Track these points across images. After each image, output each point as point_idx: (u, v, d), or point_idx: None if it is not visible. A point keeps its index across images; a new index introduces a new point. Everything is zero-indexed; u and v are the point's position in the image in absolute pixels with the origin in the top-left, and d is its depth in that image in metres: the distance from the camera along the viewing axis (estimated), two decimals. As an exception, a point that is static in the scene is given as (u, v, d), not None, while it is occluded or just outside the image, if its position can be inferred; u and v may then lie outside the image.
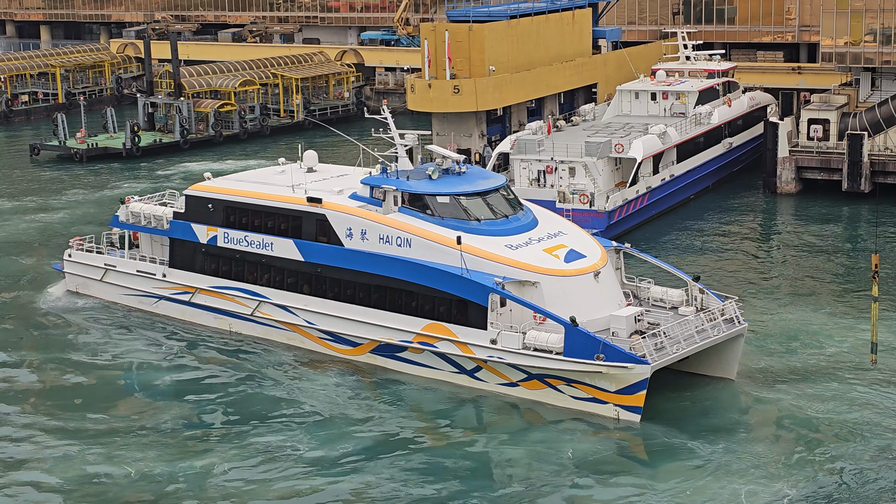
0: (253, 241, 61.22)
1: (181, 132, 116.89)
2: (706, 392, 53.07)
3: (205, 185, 65.26)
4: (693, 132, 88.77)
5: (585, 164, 78.56)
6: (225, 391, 55.52)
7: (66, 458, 48.58)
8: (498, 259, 53.55)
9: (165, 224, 65.42)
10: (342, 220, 57.88)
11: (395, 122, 60.82)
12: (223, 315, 62.83)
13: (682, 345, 50.89)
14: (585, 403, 51.00)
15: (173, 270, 64.80)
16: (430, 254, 54.70)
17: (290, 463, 47.71)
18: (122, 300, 67.39)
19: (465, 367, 54.06)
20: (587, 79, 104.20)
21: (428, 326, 54.59)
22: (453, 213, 55.92)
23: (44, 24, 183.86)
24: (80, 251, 69.54)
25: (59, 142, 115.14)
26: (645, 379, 49.23)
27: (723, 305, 53.72)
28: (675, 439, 48.43)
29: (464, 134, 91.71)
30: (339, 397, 54.18)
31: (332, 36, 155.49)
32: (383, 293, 56.38)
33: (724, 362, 53.66)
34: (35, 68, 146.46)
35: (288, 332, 60.28)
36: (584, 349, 49.96)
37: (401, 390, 54.75)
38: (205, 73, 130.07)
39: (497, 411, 52.28)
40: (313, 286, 59.17)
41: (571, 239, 56.17)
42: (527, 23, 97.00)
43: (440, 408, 53.06)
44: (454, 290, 53.55)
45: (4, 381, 57.49)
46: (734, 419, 50.48)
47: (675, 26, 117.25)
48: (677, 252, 75.59)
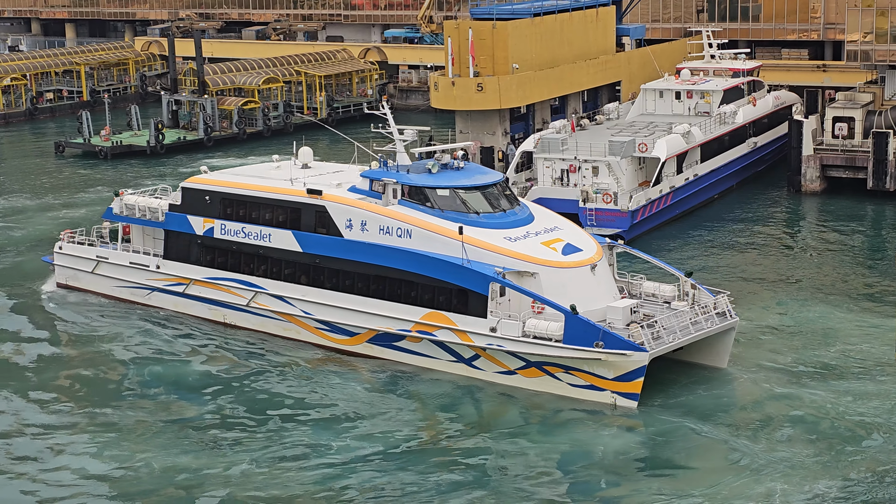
0: (250, 233, 61.92)
1: (205, 130, 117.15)
2: (727, 388, 53.19)
3: (201, 177, 66.10)
4: (717, 131, 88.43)
5: (609, 164, 78.35)
6: (226, 384, 55.81)
7: (85, 453, 48.72)
8: (497, 250, 54.57)
9: (161, 216, 65.93)
10: (342, 212, 58.71)
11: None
12: (217, 306, 63.45)
13: (678, 334, 52.22)
14: (583, 391, 52.08)
15: (167, 262, 65.42)
16: (431, 244, 55.66)
17: (286, 456, 47.92)
18: (113, 292, 67.97)
19: (464, 355, 54.97)
20: (611, 77, 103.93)
21: (427, 315, 55.48)
22: (453, 205, 56.89)
23: (69, 22, 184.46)
24: (70, 244, 70.01)
25: (84, 139, 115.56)
26: (643, 366, 50.38)
27: (715, 300, 54.81)
28: (707, 436, 48.35)
29: (487, 132, 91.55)
30: (340, 390, 54.57)
31: (355, 34, 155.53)
32: (382, 283, 57.27)
33: (715, 353, 54.99)
34: (60, 66, 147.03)
35: (284, 323, 60.90)
36: (584, 337, 51.03)
37: (399, 380, 55.34)
38: (229, 71, 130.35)
39: (496, 401, 52.88)
40: (311, 277, 59.92)
41: (567, 233, 57.29)
42: (550, 20, 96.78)
43: (440, 398, 53.57)
44: (455, 279, 54.55)
45: (19, 375, 57.94)
46: (761, 415, 50.26)
47: (700, 24, 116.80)
48: (701, 251, 75.37)
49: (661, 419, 50.19)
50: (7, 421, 52.27)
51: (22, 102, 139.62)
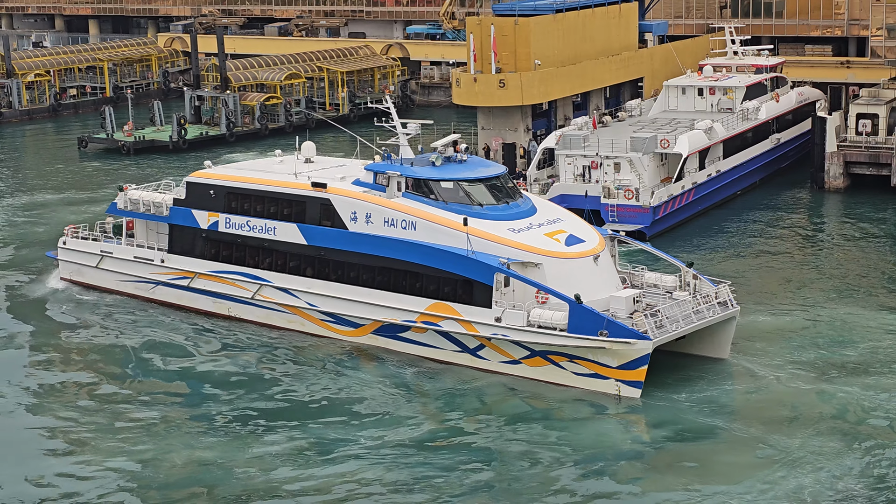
0: (255, 226, 62.36)
1: (227, 125, 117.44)
2: (752, 383, 52.99)
3: (205, 172, 66.57)
4: (740, 128, 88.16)
5: (631, 160, 78.20)
6: (239, 378, 56.10)
7: (106, 448, 48.85)
8: (501, 241, 55.09)
9: (165, 211, 66.39)
10: (347, 205, 59.15)
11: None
12: (222, 299, 63.91)
13: (681, 323, 52.72)
14: (587, 379, 52.66)
15: (172, 256, 65.84)
16: (435, 236, 56.16)
17: (290, 449, 48.17)
18: (118, 286, 68.37)
19: (468, 345, 55.46)
20: (633, 73, 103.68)
21: (432, 306, 56.01)
22: (457, 197, 57.42)
23: (92, 19, 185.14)
24: (75, 239, 70.40)
25: (107, 135, 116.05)
26: (647, 354, 50.92)
27: (716, 289, 55.28)
28: (743, 433, 48.21)
29: (509, 128, 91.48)
30: (348, 382, 55.04)
31: (377, 30, 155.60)
32: (387, 274, 57.77)
33: (717, 343, 55.49)
34: (83, 62, 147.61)
35: (288, 315, 61.32)
36: (588, 326, 51.63)
37: (405, 371, 55.82)
38: (251, 67, 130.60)
39: (500, 390, 53.49)
40: (316, 269, 60.38)
41: (570, 225, 57.87)
42: (573, 17, 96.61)
43: (446, 388, 53.99)
44: (460, 270, 55.06)
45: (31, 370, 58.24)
46: (787, 413, 50.13)
47: (723, 20, 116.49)
48: (723, 248, 75.16)
49: (681, 410, 50.28)
50: (25, 416, 52.49)
51: (45, 98, 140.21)
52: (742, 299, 63.93)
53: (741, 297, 64.18)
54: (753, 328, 59.61)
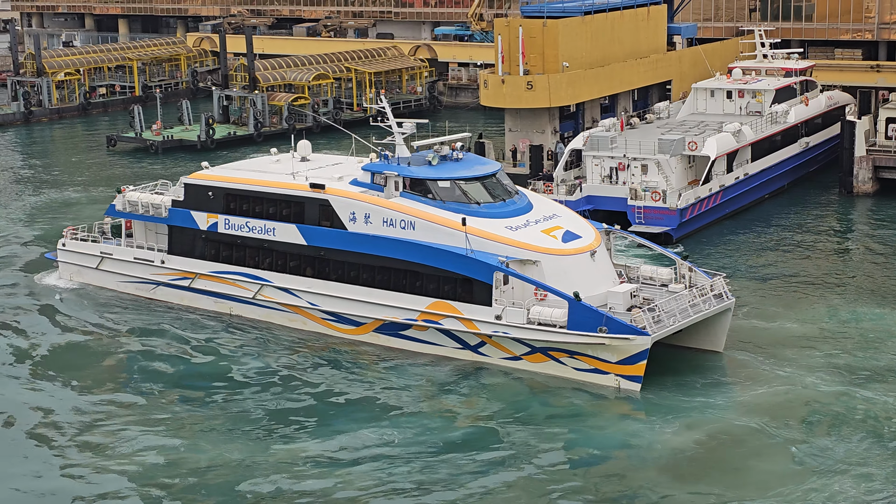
0: (254, 227, 62.95)
1: (255, 125, 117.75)
2: (782, 387, 52.77)
3: (203, 173, 67.13)
4: (769, 131, 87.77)
5: (658, 162, 77.98)
6: (250, 376, 56.56)
7: (128, 447, 49.10)
8: (499, 239, 55.92)
9: (164, 212, 66.86)
10: (345, 205, 59.78)
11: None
12: (223, 299, 64.47)
13: (678, 317, 53.52)
14: (587, 374, 53.65)
15: (172, 257, 66.40)
16: (434, 235, 56.87)
17: (294, 447, 48.50)
18: (118, 287, 68.84)
19: (469, 342, 56.35)
20: (661, 76, 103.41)
21: (433, 305, 56.74)
22: (454, 196, 58.16)
23: (122, 18, 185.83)
24: (74, 240, 70.81)
25: (136, 133, 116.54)
26: (646, 349, 51.83)
27: (711, 282, 56.08)
28: (774, 439, 48.11)
29: (536, 130, 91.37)
30: (353, 380, 55.60)
31: (405, 31, 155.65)
32: (387, 274, 58.48)
33: (713, 336, 56.32)
34: (113, 61, 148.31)
35: (290, 314, 61.98)
36: (588, 322, 52.60)
37: (406, 369, 56.34)
38: (279, 67, 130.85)
39: (501, 387, 54.07)
40: (316, 269, 61.04)
41: (566, 221, 58.74)
42: (601, 19, 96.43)
43: (448, 385, 54.54)
44: (459, 269, 55.80)
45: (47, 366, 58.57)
46: (816, 417, 50.06)
47: (752, 23, 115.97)
48: (750, 251, 74.82)
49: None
50: (33, 417, 52.67)
51: (75, 97, 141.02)
52: (770, 303, 63.96)
53: (769, 302, 64.22)
54: (782, 332, 59.48)
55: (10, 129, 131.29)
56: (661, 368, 54.15)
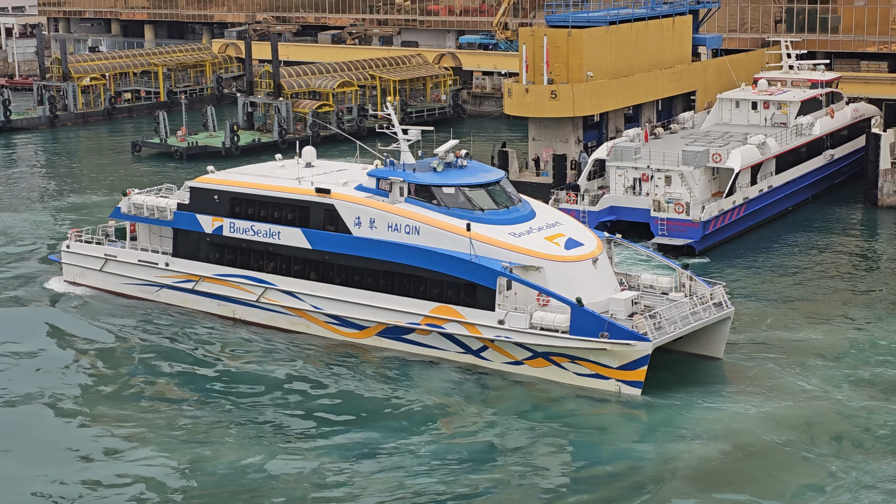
0: (259, 231, 63.44)
1: (279, 132, 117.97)
2: (806, 400, 52.56)
3: (209, 177, 67.64)
4: (794, 143, 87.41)
5: (682, 173, 77.74)
6: (257, 381, 56.86)
7: (141, 453, 49.20)
8: (503, 245, 56.61)
9: (169, 215, 67.32)
10: (351, 210, 60.38)
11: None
12: (227, 302, 64.93)
13: (679, 324, 54.32)
14: (588, 379, 54.33)
15: (176, 259, 66.88)
16: (439, 241, 57.53)
17: (301, 449, 48.87)
18: (122, 289, 69.30)
19: (472, 346, 57.00)
20: (686, 86, 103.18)
21: (436, 309, 57.44)
22: (459, 202, 58.84)
23: (148, 24, 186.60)
24: (78, 242, 71.29)
25: (160, 139, 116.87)
26: (646, 355, 52.51)
27: (711, 291, 56.88)
28: (803, 454, 47.83)
29: (560, 139, 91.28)
30: (356, 385, 55.98)
31: (430, 39, 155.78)
32: (392, 278, 59.14)
33: (712, 343, 57.11)
34: (138, 66, 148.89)
35: (293, 318, 62.44)
36: (590, 328, 53.22)
37: (409, 373, 56.82)
38: (304, 74, 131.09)
39: (503, 391, 54.70)
40: (321, 272, 61.53)
41: (568, 228, 59.37)
42: (626, 29, 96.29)
43: (450, 389, 55.02)
44: (463, 274, 56.50)
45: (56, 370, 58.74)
46: (844, 431, 49.94)
47: (778, 35, 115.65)
48: (774, 264, 74.51)
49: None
50: (42, 419, 52.91)
51: (100, 102, 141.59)
52: (793, 316, 63.71)
53: (793, 313, 63.97)
54: (806, 344, 59.31)
55: (35, 133, 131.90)
56: (686, 379, 54.60)
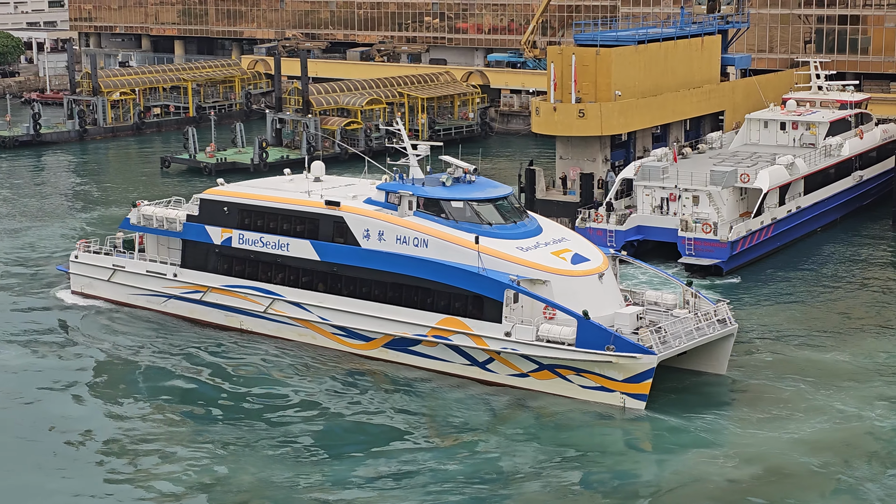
0: (268, 242, 64.03)
1: (308, 149, 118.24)
2: (839, 420, 52.46)
3: (218, 189, 68.49)
4: (822, 164, 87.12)
5: (710, 193, 77.56)
6: (273, 395, 57.08)
7: (163, 466, 49.32)
8: (511, 259, 57.29)
9: (178, 226, 67.96)
10: (360, 222, 61.10)
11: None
12: (234, 313, 65.50)
13: (683, 339, 54.95)
14: (593, 392, 54.80)
15: (185, 270, 67.49)
16: (447, 253, 58.21)
17: (297, 456, 49.60)
18: (130, 300, 69.91)
19: (478, 358, 57.45)
20: (714, 106, 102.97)
21: (443, 321, 57.99)
22: (467, 216, 59.47)
23: (178, 39, 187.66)
24: (86, 253, 71.93)
25: (189, 155, 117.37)
26: (651, 368, 53.08)
27: (715, 307, 57.50)
28: (838, 476, 47.68)
29: (587, 158, 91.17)
30: (360, 395, 56.50)
31: (458, 57, 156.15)
32: (399, 290, 59.69)
33: (715, 359, 57.68)
34: (168, 82, 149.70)
35: (300, 329, 62.95)
36: (596, 340, 53.79)
37: (415, 385, 57.40)
38: (332, 91, 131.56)
39: (508, 402, 55.23)
40: (329, 284, 62.08)
41: (575, 244, 60.04)
42: (655, 48, 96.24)
43: (458, 403, 55.49)
44: (471, 286, 57.09)
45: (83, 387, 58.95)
46: (873, 452, 49.75)
47: (807, 55, 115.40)
48: (803, 284, 74.22)
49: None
50: (62, 432, 53.09)
51: (130, 117, 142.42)
52: (822, 336, 63.57)
53: (821, 334, 63.77)
54: (834, 365, 59.17)
55: (65, 147, 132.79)
56: (718, 401, 54.98)
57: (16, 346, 63.60)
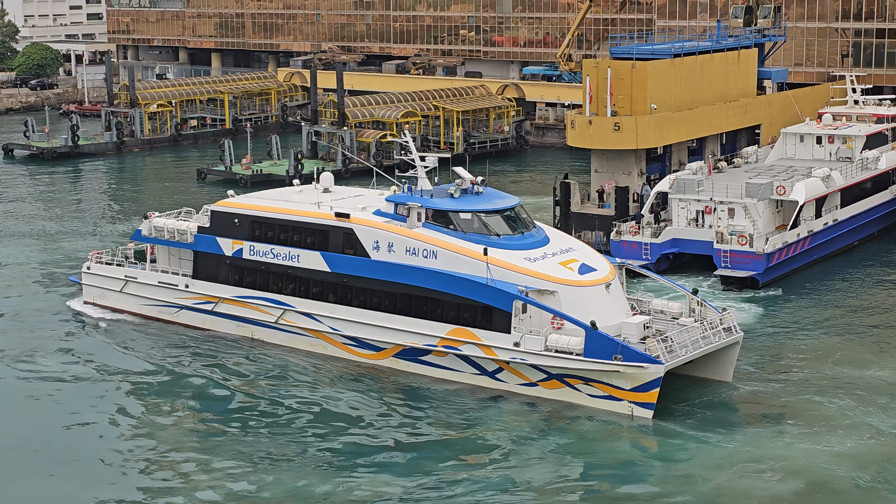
0: (279, 254, 64.71)
1: (343, 161, 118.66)
2: (877, 437, 52.09)
3: (229, 201, 69.29)
4: (859, 177, 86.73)
5: (745, 206, 77.38)
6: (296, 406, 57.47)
7: (198, 478, 49.53)
8: (519, 270, 57.83)
9: (190, 238, 68.62)
10: (369, 234, 61.75)
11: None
12: (245, 323, 66.19)
13: (690, 348, 55.54)
14: (601, 401, 55.40)
15: (196, 281, 68.19)
16: (456, 265, 58.83)
17: (304, 464, 49.92)
18: (142, 310, 70.64)
19: (487, 368, 58.12)
20: (751, 120, 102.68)
21: (453, 331, 58.67)
22: (475, 228, 60.18)
23: (215, 52, 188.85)
24: (98, 264, 72.61)
25: (226, 167, 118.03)
26: (658, 377, 53.65)
27: (721, 316, 58.05)
28: (883, 493, 47.47)
29: (623, 172, 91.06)
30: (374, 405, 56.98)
31: (494, 70, 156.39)
32: (409, 301, 60.37)
33: (721, 367, 58.24)
34: (204, 94, 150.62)
35: (311, 339, 63.59)
36: (604, 350, 54.35)
37: (425, 395, 57.82)
38: (368, 104, 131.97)
39: (517, 412, 55.82)
40: (339, 295, 62.72)
41: (581, 254, 60.61)
42: (691, 62, 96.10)
43: (467, 414, 55.93)
44: (480, 297, 57.72)
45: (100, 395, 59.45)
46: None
47: (844, 69, 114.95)
48: (837, 298, 73.83)
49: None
50: (93, 444, 53.49)
51: (167, 128, 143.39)
52: (860, 350, 63.18)
53: (859, 349, 63.41)
54: (873, 380, 58.80)
55: (102, 159, 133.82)
56: (755, 414, 55.04)
57: (25, 355, 64.16)
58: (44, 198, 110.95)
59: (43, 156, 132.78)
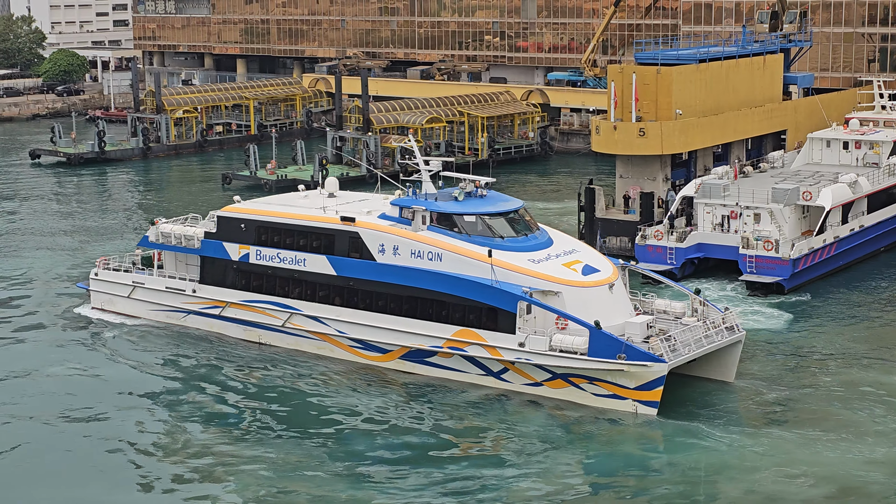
0: (285, 258, 65.22)
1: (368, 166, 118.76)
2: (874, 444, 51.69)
3: (235, 207, 69.73)
4: (886, 183, 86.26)
5: (771, 211, 77.06)
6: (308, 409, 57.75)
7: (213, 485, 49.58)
8: (523, 271, 58.54)
9: (197, 243, 69.17)
10: (375, 237, 62.32)
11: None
12: (253, 327, 66.64)
13: (693, 347, 56.11)
14: (606, 400, 56.06)
15: (203, 286, 68.69)
16: (461, 267, 59.52)
17: (319, 465, 50.24)
18: (150, 315, 71.09)
19: (493, 369, 58.77)
20: (776, 125, 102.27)
21: (458, 332, 59.30)
22: (480, 230, 60.79)
23: (240, 58, 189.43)
24: (106, 270, 73.07)
25: (251, 172, 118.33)
26: (662, 376, 54.33)
27: (723, 315, 58.75)
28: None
29: (648, 177, 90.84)
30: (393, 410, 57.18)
31: (518, 75, 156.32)
32: (415, 303, 61.03)
33: (724, 366, 58.81)
34: (230, 100, 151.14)
35: (318, 342, 64.09)
36: (608, 350, 54.99)
37: (431, 396, 58.29)
38: (392, 110, 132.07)
39: (523, 411, 56.31)
40: (345, 298, 63.21)
41: (585, 255, 61.30)
42: (716, 67, 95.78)
43: (473, 414, 56.28)
44: (485, 298, 58.36)
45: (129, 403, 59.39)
46: None
47: (871, 74, 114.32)
48: (865, 304, 73.42)
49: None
50: (106, 448, 53.59)
51: (192, 134, 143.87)
52: (887, 356, 62.69)
53: (886, 355, 63.00)
54: (895, 387, 58.41)
55: (128, 164, 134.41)
56: (786, 419, 55.02)
57: (38, 360, 64.49)
58: (69, 203, 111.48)
59: (69, 161, 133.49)
